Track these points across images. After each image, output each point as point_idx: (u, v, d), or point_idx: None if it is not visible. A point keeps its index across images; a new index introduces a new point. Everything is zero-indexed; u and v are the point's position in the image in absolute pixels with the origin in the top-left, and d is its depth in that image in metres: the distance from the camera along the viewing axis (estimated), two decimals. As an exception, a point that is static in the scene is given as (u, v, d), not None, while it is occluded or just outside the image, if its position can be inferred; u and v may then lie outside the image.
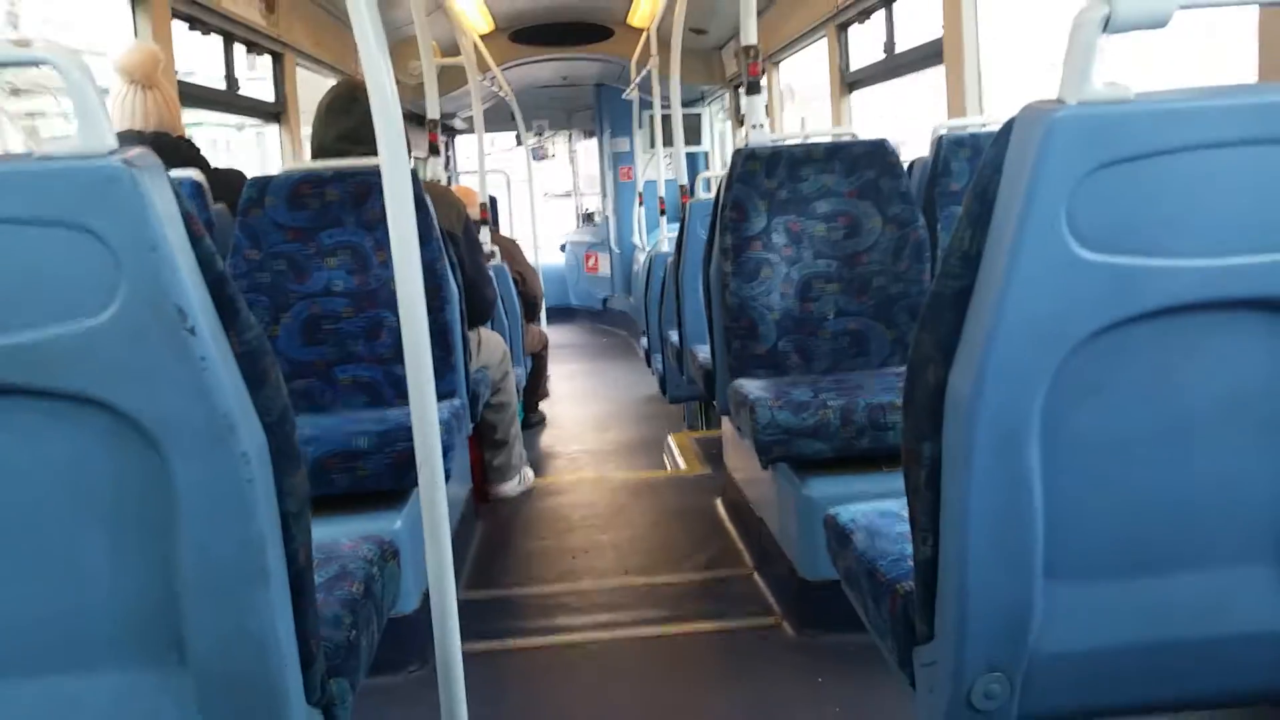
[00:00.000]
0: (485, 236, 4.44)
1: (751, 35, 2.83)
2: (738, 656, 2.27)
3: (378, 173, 1.43)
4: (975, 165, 2.71)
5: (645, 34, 5.92)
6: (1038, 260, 0.92)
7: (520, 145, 8.66)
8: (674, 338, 3.94)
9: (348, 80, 2.85)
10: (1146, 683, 1.08)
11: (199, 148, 2.68)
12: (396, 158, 1.34)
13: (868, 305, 2.66)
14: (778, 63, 5.95)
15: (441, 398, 2.32)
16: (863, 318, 2.66)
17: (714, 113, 8.56)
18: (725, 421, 3.09)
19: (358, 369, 2.52)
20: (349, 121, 2.64)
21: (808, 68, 5.60)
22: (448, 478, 1.50)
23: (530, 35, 7.26)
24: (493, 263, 4.13)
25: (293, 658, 1.00)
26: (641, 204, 7.92)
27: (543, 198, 9.13)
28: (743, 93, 2.93)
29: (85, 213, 0.85)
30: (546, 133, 10.60)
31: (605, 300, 9.56)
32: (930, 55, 3.73)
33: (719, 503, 3.33)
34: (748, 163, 2.63)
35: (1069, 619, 1.04)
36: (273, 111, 4.38)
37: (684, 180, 4.87)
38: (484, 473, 3.57)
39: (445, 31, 5.55)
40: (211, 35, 3.70)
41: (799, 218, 2.65)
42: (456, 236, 2.84)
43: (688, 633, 2.39)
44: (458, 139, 10.33)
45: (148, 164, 0.88)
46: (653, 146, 6.80)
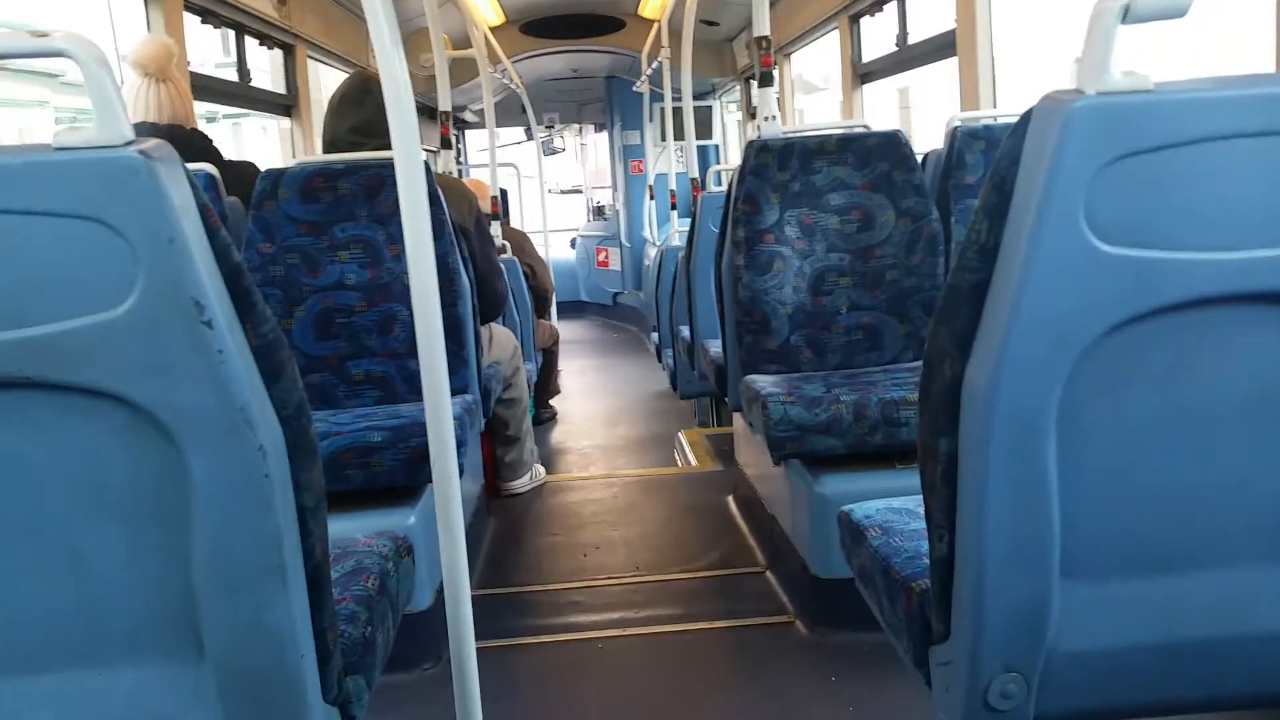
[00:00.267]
0: (496, 230, 4.43)
1: (764, 26, 2.81)
2: (750, 654, 2.27)
3: (390, 166, 1.43)
4: (990, 158, 2.70)
5: (656, 25, 5.90)
6: (1056, 253, 0.91)
7: (530, 139, 8.64)
8: (685, 333, 3.93)
9: (360, 73, 2.85)
10: (1165, 683, 1.07)
11: (212, 140, 2.69)
12: (410, 151, 1.33)
13: (881, 299, 2.64)
14: (789, 55, 5.93)
15: (454, 393, 2.32)
16: (876, 312, 2.65)
17: (725, 105, 8.53)
18: (737, 417, 3.08)
19: (371, 364, 2.53)
20: (362, 114, 2.64)
21: (808, 59, 5.56)
22: (461, 474, 1.49)
23: (541, 27, 7.25)
24: (503, 256, 4.13)
25: (310, 654, 0.99)
26: (652, 198, 7.89)
27: (549, 194, 9.09)
28: (754, 85, 2.91)
29: (102, 204, 0.85)
30: (557, 126, 10.58)
31: (616, 295, 9.54)
32: (944, 46, 3.70)
33: (730, 499, 3.32)
34: (760, 155, 2.62)
35: (1086, 618, 1.03)
36: (284, 104, 4.38)
37: (695, 173, 4.86)
38: (495, 469, 3.57)
39: (456, 24, 5.54)
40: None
41: (812, 210, 2.64)
42: (468, 230, 2.83)
43: (699, 630, 2.39)
44: (468, 133, 10.32)
45: (164, 155, 0.87)
46: (664, 139, 6.78)
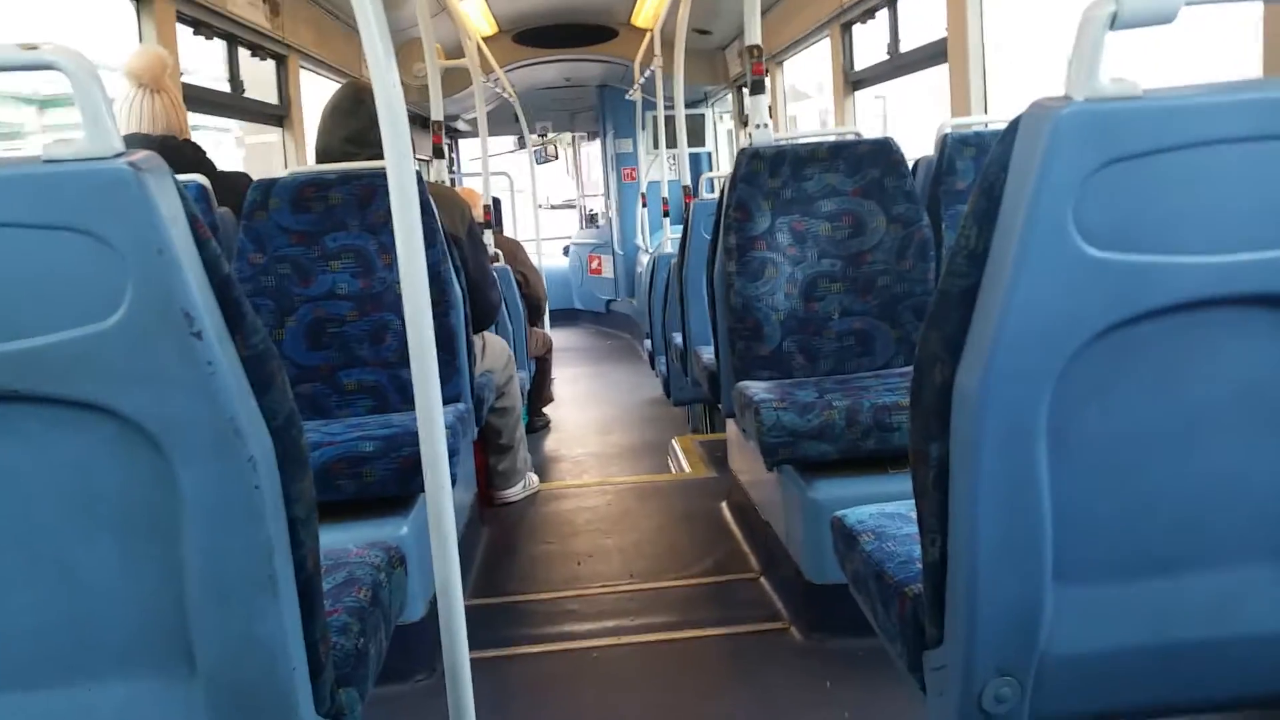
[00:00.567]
0: (489, 239, 4.44)
1: (755, 35, 2.82)
2: (745, 661, 2.26)
3: (382, 175, 1.43)
4: (980, 164, 2.71)
5: (649, 34, 5.92)
6: (1045, 258, 0.92)
7: (522, 148, 8.64)
8: (678, 340, 3.93)
9: (353, 83, 2.85)
10: (1158, 685, 1.07)
11: (204, 151, 2.69)
12: (402, 161, 1.33)
13: (872, 305, 2.65)
14: (781, 63, 5.95)
15: (446, 402, 2.31)
16: (867, 317, 2.65)
17: (717, 113, 8.55)
18: (730, 424, 3.08)
19: (362, 373, 2.52)
20: (355, 124, 2.64)
21: (800, 67, 5.58)
22: (454, 483, 1.49)
23: (533, 37, 7.26)
24: (496, 265, 4.13)
25: (302, 666, 0.99)
26: (645, 205, 7.90)
27: (540, 209, 9.09)
28: (746, 93, 2.92)
29: (91, 216, 0.84)
30: (550, 134, 10.60)
31: (609, 303, 9.54)
32: (935, 54, 3.72)
33: (724, 506, 3.32)
34: (752, 162, 2.63)
35: (1079, 621, 1.03)
36: (277, 115, 4.38)
37: (687, 181, 4.87)
38: (489, 477, 3.56)
39: (449, 33, 5.55)
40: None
41: (803, 217, 2.64)
42: (460, 239, 2.83)
43: (694, 637, 2.38)
44: (460, 141, 10.33)
45: (154, 167, 0.87)
46: (656, 147, 6.80)
